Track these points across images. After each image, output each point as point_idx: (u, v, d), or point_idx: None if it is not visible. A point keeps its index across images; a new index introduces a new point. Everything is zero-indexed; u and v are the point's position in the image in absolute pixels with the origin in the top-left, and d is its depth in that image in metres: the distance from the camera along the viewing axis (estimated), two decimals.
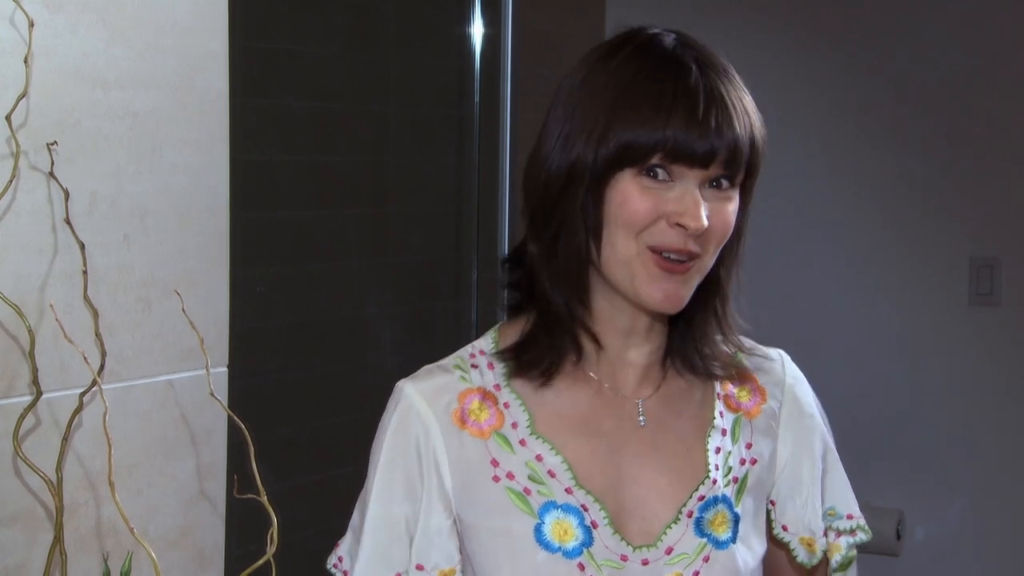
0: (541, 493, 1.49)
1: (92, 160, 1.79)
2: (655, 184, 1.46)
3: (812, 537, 1.56)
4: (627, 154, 1.46)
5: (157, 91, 1.89)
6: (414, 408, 1.54)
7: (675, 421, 1.54)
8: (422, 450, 1.53)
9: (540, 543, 1.48)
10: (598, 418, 1.53)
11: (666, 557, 1.47)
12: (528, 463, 1.50)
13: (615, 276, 1.48)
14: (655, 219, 1.45)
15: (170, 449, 1.89)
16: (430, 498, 1.52)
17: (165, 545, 1.85)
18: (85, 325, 1.76)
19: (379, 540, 1.54)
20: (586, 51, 1.64)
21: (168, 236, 1.90)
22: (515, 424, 1.51)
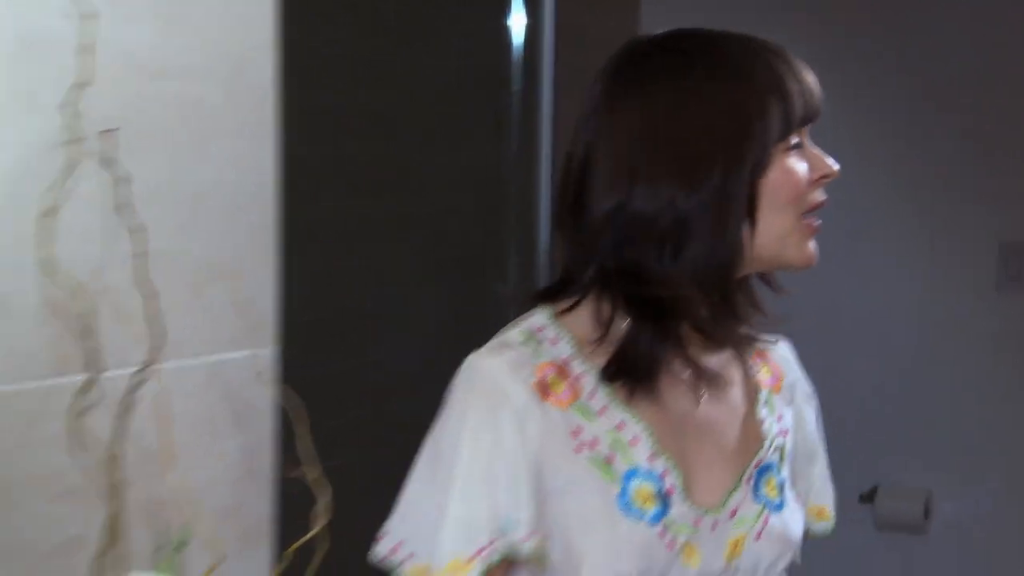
0: (624, 460, 1.51)
1: (148, 148, 1.81)
2: (796, 151, 1.51)
3: (824, 506, 1.65)
4: (777, 136, 1.49)
5: (209, 81, 1.91)
6: (497, 380, 1.53)
7: (727, 393, 1.58)
8: (507, 420, 1.51)
9: (622, 509, 1.49)
10: (666, 390, 1.55)
11: (731, 520, 1.52)
12: (609, 432, 1.51)
13: (766, 253, 1.52)
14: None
15: (220, 428, 1.90)
16: (518, 466, 1.52)
17: (216, 521, 1.87)
18: (139, 307, 1.77)
19: (471, 504, 1.53)
20: (618, 43, 1.63)
21: (220, 222, 1.92)
22: (592, 394, 1.52)
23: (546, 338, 1.57)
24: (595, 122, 1.55)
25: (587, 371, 1.53)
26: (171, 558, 1.78)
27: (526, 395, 1.51)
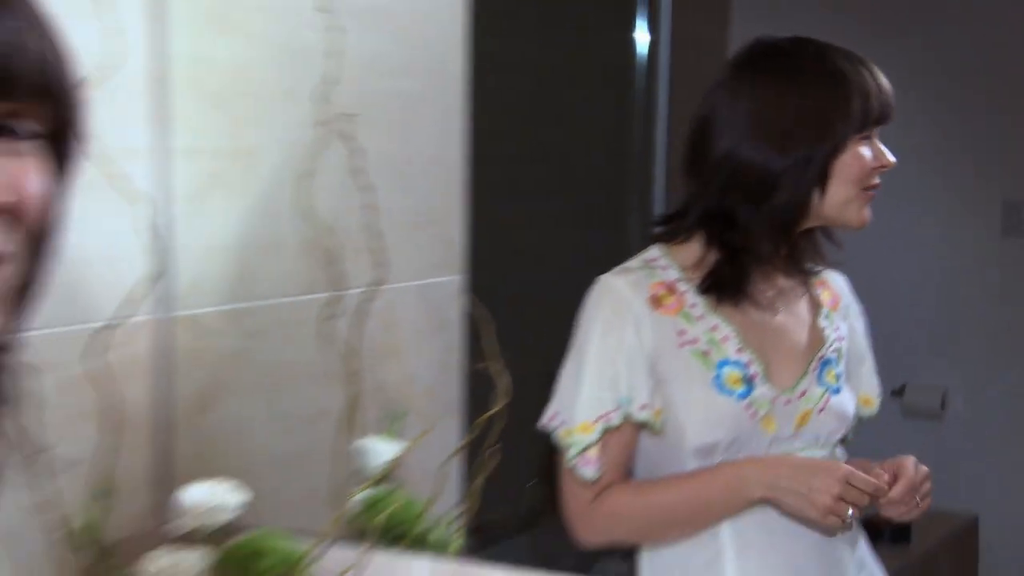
0: (717, 353, 1.65)
1: (375, 127, 1.88)
2: (867, 142, 1.63)
3: (870, 396, 1.77)
4: (854, 130, 1.61)
5: (416, 78, 2.01)
6: (621, 294, 1.68)
7: (796, 306, 1.72)
8: (628, 323, 1.65)
9: (717, 389, 1.64)
10: (750, 303, 1.68)
11: (800, 399, 1.66)
12: (706, 332, 1.65)
13: (830, 214, 1.65)
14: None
15: (427, 332, 1.98)
16: (636, 357, 1.65)
17: (424, 400, 1.94)
18: (366, 245, 1.83)
19: (597, 384, 1.67)
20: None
21: (425, 182, 2.01)
22: (693, 305, 1.66)
23: (658, 265, 1.70)
24: (718, 98, 1.68)
25: (689, 289, 1.67)
26: (393, 427, 1.85)
27: (642, 306, 1.66)
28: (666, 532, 1.67)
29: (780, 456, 1.64)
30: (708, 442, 1.63)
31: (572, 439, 1.65)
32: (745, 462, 1.63)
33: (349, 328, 1.85)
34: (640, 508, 1.68)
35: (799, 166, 1.60)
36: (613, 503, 1.66)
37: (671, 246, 1.71)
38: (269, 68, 1.93)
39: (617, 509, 1.67)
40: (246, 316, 1.95)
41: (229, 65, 1.89)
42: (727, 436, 1.63)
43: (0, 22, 0.84)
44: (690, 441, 1.63)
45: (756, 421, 1.63)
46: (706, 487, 1.63)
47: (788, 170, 1.60)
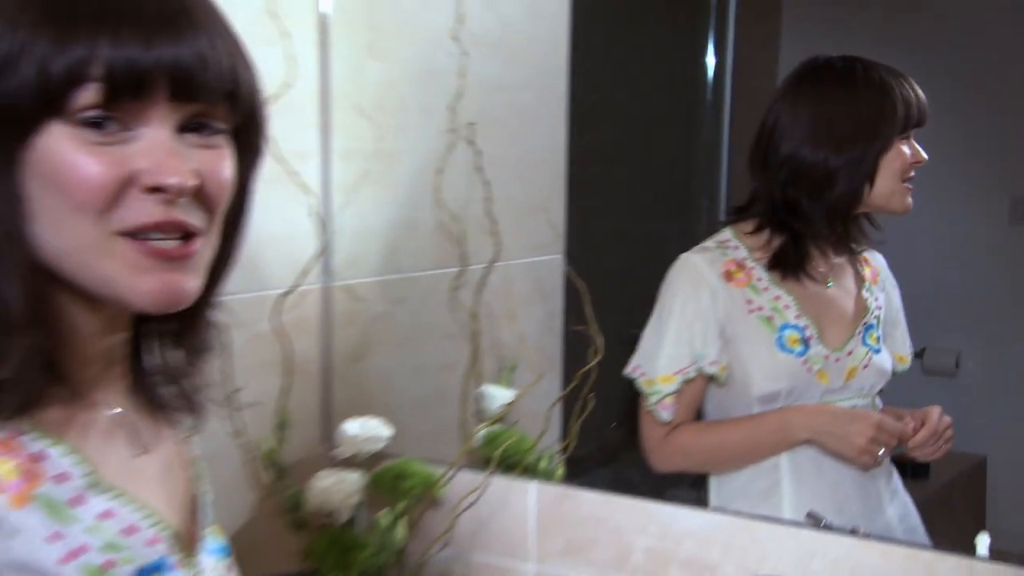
0: (779, 318, 1.65)
1: (492, 133, 1.90)
2: (906, 142, 1.60)
3: (904, 354, 1.74)
4: (897, 132, 1.60)
5: (526, 91, 2.02)
6: (699, 269, 1.69)
7: (844, 280, 1.71)
8: (704, 293, 1.67)
9: (779, 347, 1.65)
10: (807, 278, 1.67)
11: (848, 357, 1.66)
12: (770, 301, 1.66)
13: (877, 202, 1.62)
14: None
15: (534, 299, 1.98)
16: (709, 322, 1.67)
17: (533, 355, 1.95)
18: (488, 228, 1.87)
19: (677, 343, 1.69)
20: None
21: (534, 177, 2.01)
22: (759, 279, 1.67)
23: (729, 246, 1.71)
24: (780, 108, 1.66)
25: (755, 266, 1.68)
26: (507, 377, 1.90)
27: (716, 279, 1.68)
28: (723, 465, 1.70)
29: (822, 405, 1.65)
30: (771, 391, 1.64)
31: (654, 387, 1.68)
32: (792, 410, 1.64)
33: (472, 296, 1.90)
34: (703, 444, 1.71)
35: (853, 163, 1.59)
36: (682, 439, 1.69)
37: (740, 230, 1.71)
38: (409, 86, 1.95)
39: (685, 444, 1.70)
40: (390, 286, 1.97)
41: (378, 84, 1.92)
42: (787, 386, 1.64)
43: (195, 39, 0.84)
44: (756, 390, 1.65)
45: (812, 375, 1.65)
46: (757, 429, 1.65)
47: (844, 167, 1.60)
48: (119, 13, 0.82)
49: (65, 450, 0.89)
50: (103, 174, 0.82)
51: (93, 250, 0.85)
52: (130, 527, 0.91)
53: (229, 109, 0.88)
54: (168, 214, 0.84)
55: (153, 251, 0.85)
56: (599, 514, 1.68)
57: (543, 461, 1.80)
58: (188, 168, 0.84)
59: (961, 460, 1.71)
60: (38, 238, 0.85)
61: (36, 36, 0.81)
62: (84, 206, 0.83)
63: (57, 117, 0.82)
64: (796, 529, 1.55)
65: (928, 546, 1.48)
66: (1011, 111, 1.64)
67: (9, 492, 0.84)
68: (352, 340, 1.94)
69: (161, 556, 0.93)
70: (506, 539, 1.76)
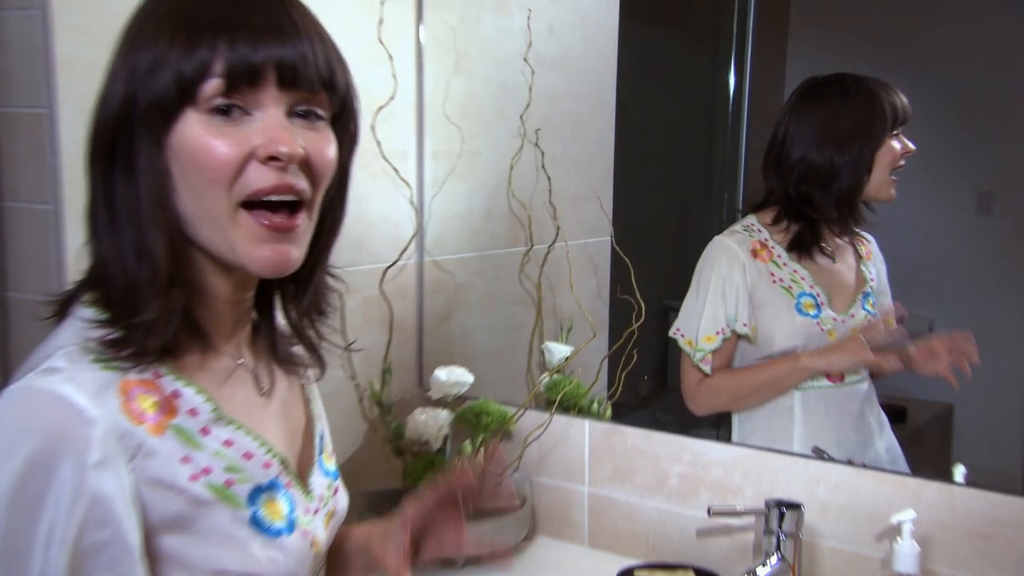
0: (797, 288, 1.62)
1: (553, 137, 1.90)
2: (896, 138, 1.55)
3: (890, 316, 1.67)
4: (887, 131, 1.56)
5: (582, 102, 1.98)
6: (731, 248, 1.66)
7: (847, 257, 1.67)
8: (736, 268, 1.65)
9: (797, 311, 1.62)
10: (818, 256, 1.64)
11: (852, 319, 1.63)
12: (790, 274, 1.63)
13: (871, 192, 1.58)
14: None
15: (586, 272, 1.94)
16: (741, 291, 1.65)
17: (584, 318, 1.87)
18: (550, 213, 1.87)
19: (715, 308, 1.67)
20: (774, 89, 1.73)
21: (587, 171, 1.97)
22: (779, 256, 1.64)
23: (754, 229, 1.67)
24: (789, 120, 1.63)
25: (776, 246, 1.64)
26: (564, 336, 1.89)
27: (745, 256, 1.65)
28: (748, 400, 1.66)
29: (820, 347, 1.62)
30: (790, 347, 1.62)
31: (698, 346, 1.66)
32: (800, 351, 1.62)
33: (536, 270, 1.89)
34: (732, 385, 1.67)
35: (854, 159, 1.57)
36: (715, 383, 1.67)
37: (761, 218, 1.68)
38: (487, 98, 1.93)
39: (718, 387, 1.67)
40: (470, 261, 1.96)
41: (461, 96, 1.91)
42: (803, 343, 1.62)
43: (297, 41, 0.86)
44: (778, 345, 1.63)
45: (823, 333, 1.62)
46: (775, 369, 1.63)
47: (846, 163, 1.57)
48: (233, 24, 0.85)
49: (196, 390, 0.91)
50: (229, 151, 0.85)
51: (222, 218, 0.87)
52: (247, 453, 0.93)
53: (328, 99, 0.89)
54: (281, 178, 0.86)
55: (268, 225, 0.87)
56: (641, 446, 1.68)
57: (595, 404, 1.80)
58: (296, 140, 0.86)
59: (932, 407, 1.69)
60: (179, 208, 0.88)
61: (171, 47, 0.85)
62: (216, 179, 0.86)
63: (191, 106, 0.85)
64: (804, 460, 1.54)
65: (912, 474, 1.48)
66: (977, 121, 1.62)
67: (148, 423, 0.86)
68: (440, 304, 1.95)
69: (273, 478, 0.95)
70: (565, 466, 1.76)
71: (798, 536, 1.42)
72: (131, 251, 0.87)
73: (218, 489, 0.89)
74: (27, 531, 0.79)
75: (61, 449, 0.79)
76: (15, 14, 1.33)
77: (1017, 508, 1.36)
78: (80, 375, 0.82)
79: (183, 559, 0.86)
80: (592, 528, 1.74)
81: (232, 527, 0.89)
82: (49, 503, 0.80)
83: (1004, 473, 1.49)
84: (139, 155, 0.86)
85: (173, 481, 0.86)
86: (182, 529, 0.86)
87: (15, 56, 1.34)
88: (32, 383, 0.82)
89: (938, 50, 1.62)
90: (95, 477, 0.80)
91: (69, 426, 0.80)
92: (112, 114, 0.86)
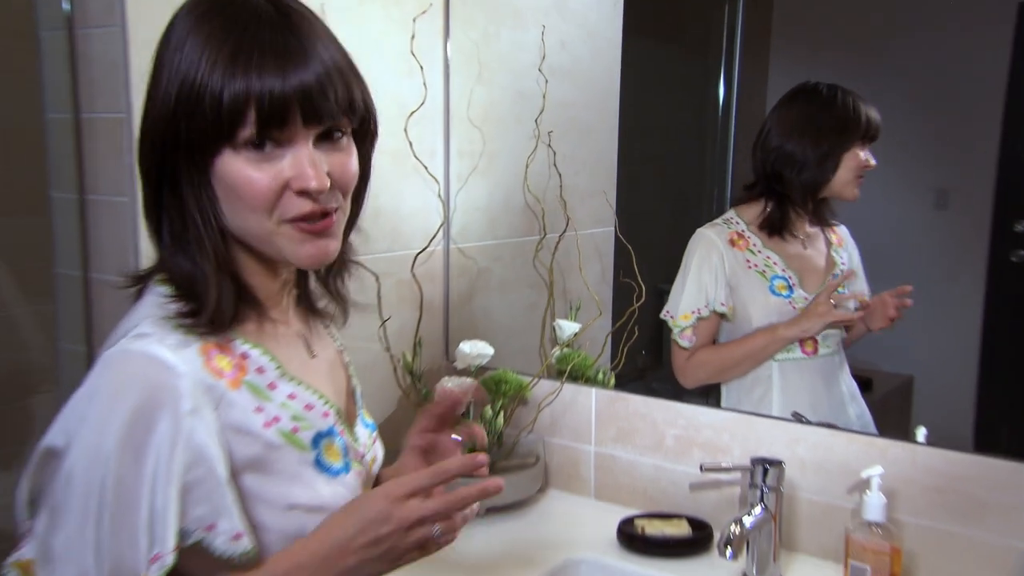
0: (770, 272, 1.61)
1: (564, 138, 1.86)
2: (862, 149, 1.53)
3: (864, 296, 1.61)
4: (854, 141, 1.53)
5: (589, 109, 1.94)
6: (711, 238, 1.62)
7: (817, 243, 1.64)
8: (715, 255, 1.63)
9: (771, 292, 1.61)
10: (790, 241, 1.62)
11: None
12: (764, 260, 1.62)
13: (836, 188, 1.55)
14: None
15: (592, 257, 1.87)
16: (719, 275, 1.64)
17: (591, 301, 1.84)
18: (561, 207, 1.83)
19: (694, 290, 1.64)
20: (757, 100, 1.70)
21: (594, 170, 1.92)
22: (755, 244, 1.62)
23: (732, 221, 1.64)
24: (774, 117, 1.61)
25: (752, 235, 1.62)
26: (573, 314, 1.87)
27: (724, 245, 1.63)
28: (731, 371, 1.64)
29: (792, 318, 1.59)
30: (766, 324, 1.61)
31: (677, 323, 1.66)
32: (774, 324, 1.60)
33: (549, 256, 1.87)
34: (716, 358, 1.65)
35: (823, 155, 1.55)
36: (701, 358, 1.66)
37: (740, 209, 1.66)
38: (506, 105, 1.91)
39: (704, 360, 1.66)
40: (491, 248, 1.94)
41: (483, 102, 1.89)
42: (778, 320, 1.60)
43: (322, 80, 0.85)
44: (755, 323, 1.62)
45: (795, 312, 1.60)
46: (755, 341, 1.61)
47: (817, 157, 1.55)
48: (262, 67, 0.83)
49: (262, 351, 0.94)
50: (267, 184, 0.86)
51: (267, 234, 0.89)
52: (308, 405, 0.95)
53: (349, 119, 0.89)
54: (315, 206, 0.88)
55: (307, 229, 0.89)
56: (641, 411, 1.67)
57: (600, 374, 1.79)
58: (323, 173, 0.87)
59: (895, 378, 1.68)
60: (227, 222, 0.89)
61: (206, 89, 0.84)
62: (256, 207, 0.87)
63: (229, 145, 0.85)
64: (784, 423, 1.54)
65: (880, 435, 1.48)
66: (937, 125, 1.61)
67: (226, 378, 0.89)
68: (464, 286, 1.94)
69: (331, 425, 0.97)
70: (574, 428, 1.76)
71: (779, 489, 1.42)
72: (187, 253, 0.89)
73: (286, 435, 0.91)
74: (135, 474, 0.81)
75: (159, 400, 0.81)
76: (97, 31, 1.35)
77: (969, 464, 1.37)
78: (167, 338, 0.85)
79: (262, 496, 0.88)
80: (598, 482, 1.74)
81: (300, 468, 0.91)
82: (152, 448, 0.82)
83: (957, 435, 1.49)
84: (183, 180, 0.87)
85: (250, 428, 0.88)
86: (259, 469, 0.88)
87: (97, 68, 1.36)
88: (127, 346, 0.84)
89: (903, 63, 1.60)
90: (189, 422, 0.82)
91: (163, 380, 0.82)
92: (158, 139, 0.87)
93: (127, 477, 0.81)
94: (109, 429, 0.81)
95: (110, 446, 0.81)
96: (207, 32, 0.84)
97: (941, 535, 1.39)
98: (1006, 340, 1.53)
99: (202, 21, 0.85)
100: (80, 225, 1.39)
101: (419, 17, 1.78)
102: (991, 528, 1.35)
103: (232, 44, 0.83)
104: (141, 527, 0.81)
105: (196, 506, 0.84)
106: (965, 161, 1.57)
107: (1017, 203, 1.51)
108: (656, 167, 1.98)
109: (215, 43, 0.84)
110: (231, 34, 0.84)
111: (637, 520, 1.57)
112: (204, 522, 0.85)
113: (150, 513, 0.81)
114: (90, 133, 1.37)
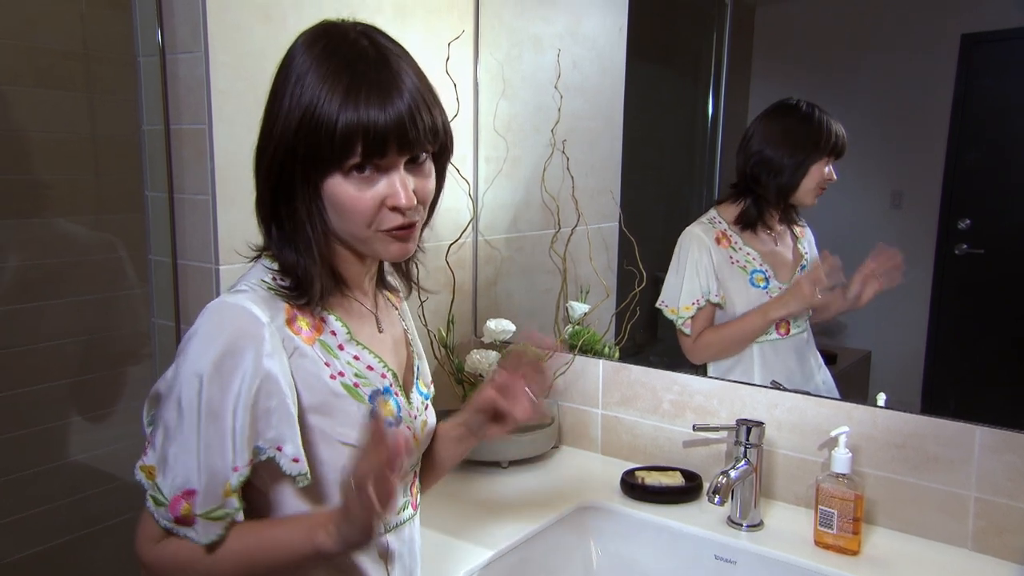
0: (750, 266, 1.58)
1: (576, 145, 1.84)
2: (828, 163, 1.50)
3: (819, 262, 1.55)
4: (821, 156, 1.50)
5: (597, 119, 1.88)
6: (699, 236, 1.62)
7: (787, 239, 1.60)
8: (704, 252, 1.59)
9: (751, 284, 1.58)
10: (764, 237, 1.58)
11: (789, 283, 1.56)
12: (744, 256, 1.59)
13: (800, 195, 1.51)
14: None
15: (599, 250, 1.82)
16: (709, 270, 1.60)
17: (599, 285, 1.82)
18: (573, 203, 1.81)
19: (691, 284, 1.62)
20: (740, 114, 1.66)
21: (600, 173, 1.88)
22: (736, 242, 1.58)
23: (716, 220, 1.61)
24: (756, 127, 1.57)
25: (733, 234, 1.59)
26: (583, 297, 1.84)
27: (711, 242, 1.59)
28: (733, 348, 1.60)
29: (778, 297, 1.57)
30: (749, 311, 1.59)
31: (680, 314, 1.62)
32: (767, 306, 1.57)
33: (563, 247, 1.85)
34: (719, 339, 1.62)
35: (796, 164, 1.53)
36: (707, 339, 1.62)
37: (721, 209, 1.62)
38: (526, 116, 1.90)
39: (709, 341, 1.62)
40: (513, 240, 1.93)
41: (506, 115, 1.89)
42: (757, 303, 1.59)
43: (407, 100, 0.87)
44: (740, 311, 1.60)
45: (772, 296, 1.59)
46: (751, 320, 1.58)
47: (790, 165, 1.53)
48: (369, 107, 0.86)
49: (336, 318, 0.98)
50: (369, 203, 0.90)
51: (366, 239, 0.93)
52: (369, 366, 1.00)
53: (432, 143, 0.92)
54: (404, 220, 0.92)
55: (396, 236, 0.93)
56: (641, 379, 1.68)
57: (606, 348, 1.79)
58: (411, 193, 0.90)
59: (856, 353, 1.67)
60: (332, 227, 0.94)
61: (320, 123, 0.86)
62: (360, 220, 0.92)
63: (338, 169, 0.89)
64: (765, 390, 1.54)
65: (845, 400, 1.48)
66: (894, 133, 1.59)
67: (303, 335, 0.93)
68: (490, 272, 1.95)
69: (387, 385, 1.00)
70: (584, 393, 1.77)
71: (760, 446, 1.43)
72: (294, 247, 0.93)
73: (348, 387, 0.96)
74: (222, 398, 0.87)
75: (245, 342, 0.87)
76: (184, 56, 1.38)
77: (921, 424, 1.39)
78: (259, 297, 0.90)
79: (324, 432, 0.93)
80: (604, 440, 1.75)
81: (358, 415, 0.95)
82: (237, 378, 0.87)
83: (908, 401, 1.49)
84: (298, 192, 0.90)
85: (318, 377, 0.93)
86: (324, 412, 0.93)
87: (183, 86, 1.39)
88: (226, 299, 0.90)
89: (865, 83, 1.59)
90: (268, 362, 0.88)
91: (250, 328, 0.88)
92: (278, 155, 0.90)
93: (216, 399, 0.87)
94: (203, 361, 0.86)
95: (204, 375, 0.86)
96: (325, 70, 0.88)
97: (897, 484, 1.41)
98: (951, 321, 1.54)
99: (321, 60, 0.88)
100: (170, 219, 1.43)
101: (453, 42, 1.80)
102: (939, 478, 1.37)
103: (346, 81, 0.86)
104: (227, 442, 0.87)
105: (269, 430, 0.89)
106: (917, 166, 1.56)
107: (961, 203, 1.52)
108: (654, 171, 1.98)
109: (332, 80, 0.87)
110: (344, 72, 0.87)
111: (638, 472, 1.58)
112: (275, 443, 0.90)
113: (232, 431, 0.87)
114: (178, 142, 1.40)
